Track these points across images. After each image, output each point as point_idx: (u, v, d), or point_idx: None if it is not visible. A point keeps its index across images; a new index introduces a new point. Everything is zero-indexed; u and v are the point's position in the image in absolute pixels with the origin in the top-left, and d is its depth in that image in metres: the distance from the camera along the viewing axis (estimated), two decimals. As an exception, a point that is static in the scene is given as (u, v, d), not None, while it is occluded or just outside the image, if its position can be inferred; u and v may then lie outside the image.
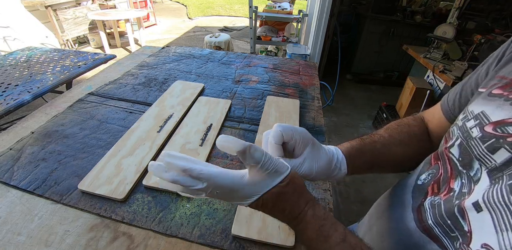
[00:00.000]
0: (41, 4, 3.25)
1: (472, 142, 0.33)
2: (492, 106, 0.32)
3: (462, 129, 0.35)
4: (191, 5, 7.28)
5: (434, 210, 0.36)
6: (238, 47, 4.51)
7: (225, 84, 1.12)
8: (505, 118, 0.30)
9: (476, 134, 0.32)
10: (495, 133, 0.30)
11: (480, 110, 0.33)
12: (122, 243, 0.52)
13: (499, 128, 0.30)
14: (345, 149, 0.45)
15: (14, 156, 0.70)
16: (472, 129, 0.33)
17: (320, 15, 2.38)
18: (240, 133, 0.85)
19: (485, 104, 0.33)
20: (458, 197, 0.33)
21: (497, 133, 0.30)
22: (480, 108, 0.33)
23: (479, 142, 0.32)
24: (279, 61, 1.39)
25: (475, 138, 0.32)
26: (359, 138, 0.49)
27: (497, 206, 0.27)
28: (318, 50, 2.60)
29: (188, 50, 1.47)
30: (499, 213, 0.27)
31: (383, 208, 0.50)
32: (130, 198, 0.61)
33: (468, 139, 0.33)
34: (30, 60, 1.51)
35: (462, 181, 0.34)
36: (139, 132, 0.79)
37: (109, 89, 1.03)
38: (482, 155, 0.31)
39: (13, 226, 0.53)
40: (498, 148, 0.29)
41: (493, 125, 0.31)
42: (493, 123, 0.31)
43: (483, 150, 0.31)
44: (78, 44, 4.02)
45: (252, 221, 0.56)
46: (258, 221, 0.56)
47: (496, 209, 0.27)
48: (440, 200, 0.36)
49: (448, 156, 0.37)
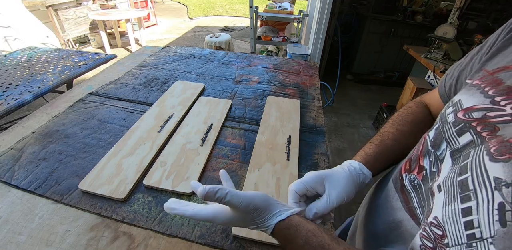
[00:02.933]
0: (42, 4, 3.25)
1: (446, 126, 0.36)
2: (467, 95, 0.36)
3: (442, 115, 0.39)
4: (191, 5, 7.28)
5: (417, 192, 0.39)
6: (239, 47, 4.51)
7: (226, 84, 1.13)
8: (473, 105, 0.33)
9: (450, 119, 0.36)
10: (464, 118, 0.34)
11: (458, 99, 0.37)
12: (123, 243, 0.52)
13: (467, 113, 0.34)
14: (360, 158, 0.48)
15: (15, 156, 0.70)
16: (449, 115, 0.37)
17: (321, 15, 2.38)
18: (241, 133, 0.85)
19: (464, 93, 0.37)
20: (431, 178, 0.37)
21: (465, 118, 0.33)
22: (459, 97, 0.37)
23: (452, 126, 0.35)
24: (280, 61, 1.39)
25: (449, 122, 0.36)
26: (370, 142, 0.51)
27: (448, 186, 0.32)
28: (318, 50, 2.60)
29: (188, 50, 1.47)
30: (448, 192, 0.31)
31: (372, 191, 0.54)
32: (131, 197, 0.61)
33: (444, 124, 0.37)
34: (31, 60, 1.51)
35: (430, 159, 0.38)
36: (139, 132, 0.79)
37: (110, 89, 1.03)
38: (451, 137, 0.35)
39: (14, 226, 0.53)
40: (464, 131, 0.33)
41: (463, 111, 0.34)
42: (464, 110, 0.34)
43: (453, 133, 0.35)
44: (78, 44, 4.02)
45: None
46: None
47: (448, 188, 0.32)
48: (419, 181, 0.39)
49: (425, 138, 0.41)
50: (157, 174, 0.65)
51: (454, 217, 0.29)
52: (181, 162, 0.70)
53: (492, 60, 0.38)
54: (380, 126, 0.54)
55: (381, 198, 0.47)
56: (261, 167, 0.70)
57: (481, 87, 0.34)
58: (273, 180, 0.67)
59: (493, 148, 0.28)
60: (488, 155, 0.29)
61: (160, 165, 0.68)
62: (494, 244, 0.25)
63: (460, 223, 0.28)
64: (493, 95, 0.32)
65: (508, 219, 0.24)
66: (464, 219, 0.28)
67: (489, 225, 0.26)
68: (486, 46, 0.42)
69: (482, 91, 0.33)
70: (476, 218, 0.27)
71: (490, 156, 0.28)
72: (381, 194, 0.47)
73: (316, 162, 0.75)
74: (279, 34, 3.19)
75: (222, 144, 0.79)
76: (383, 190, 0.47)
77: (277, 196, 0.63)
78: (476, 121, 0.32)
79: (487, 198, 0.27)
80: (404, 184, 0.41)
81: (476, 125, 0.32)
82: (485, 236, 0.26)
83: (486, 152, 0.29)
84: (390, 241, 0.42)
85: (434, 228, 0.32)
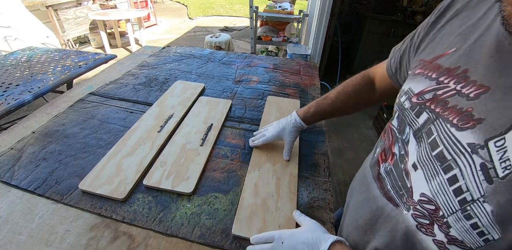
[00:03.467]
0: (42, 4, 3.25)
1: (405, 112, 0.41)
2: (415, 83, 0.41)
3: (398, 104, 0.44)
4: (191, 5, 7.28)
5: (389, 176, 0.43)
6: (239, 47, 4.51)
7: (226, 84, 1.13)
8: (423, 89, 0.38)
9: (407, 105, 0.41)
10: (418, 101, 0.39)
11: (408, 87, 0.42)
12: (123, 243, 0.52)
13: (420, 97, 0.39)
14: (302, 114, 0.70)
15: (15, 156, 0.70)
16: (404, 102, 0.42)
17: (321, 15, 2.37)
18: (241, 132, 0.85)
19: (410, 82, 0.42)
20: (401, 160, 0.41)
21: (419, 101, 0.38)
22: (407, 86, 0.42)
23: (410, 110, 0.40)
24: (280, 61, 1.39)
25: (407, 108, 0.41)
26: (315, 101, 0.71)
27: (425, 162, 0.35)
28: (318, 50, 2.60)
29: (188, 50, 1.47)
30: (427, 168, 0.34)
31: (354, 185, 0.58)
32: (131, 197, 0.61)
33: (403, 111, 0.42)
34: (31, 60, 1.51)
35: (399, 145, 0.42)
36: (139, 132, 0.79)
37: (110, 89, 1.03)
38: (411, 120, 0.40)
39: (14, 226, 0.53)
40: (421, 112, 0.38)
41: (416, 96, 0.39)
42: (416, 95, 0.39)
43: (412, 116, 0.39)
44: (78, 44, 4.02)
45: (253, 222, 0.56)
46: (258, 221, 0.57)
47: (425, 165, 0.35)
48: (391, 166, 0.43)
49: (391, 128, 0.46)
50: (157, 174, 0.65)
51: (442, 188, 0.32)
52: (181, 162, 0.70)
53: (425, 49, 0.44)
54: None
55: (363, 191, 0.51)
56: (261, 167, 0.70)
57: (424, 74, 0.39)
58: (273, 180, 0.67)
59: (455, 119, 0.32)
60: (453, 126, 0.32)
61: (160, 165, 0.68)
62: (487, 202, 0.26)
63: (450, 192, 0.31)
64: (437, 77, 0.37)
65: (493, 175, 0.26)
66: (452, 187, 0.30)
67: (477, 185, 0.28)
68: (417, 34, 0.48)
69: (427, 77, 0.39)
70: (463, 183, 0.29)
71: (455, 126, 0.31)
72: (363, 187, 0.51)
73: (316, 162, 0.75)
74: (279, 34, 3.19)
75: (222, 144, 0.79)
76: (364, 183, 0.51)
77: (277, 196, 0.63)
78: (429, 101, 0.37)
79: (468, 163, 0.29)
80: (380, 172, 0.46)
81: (429, 104, 0.37)
82: (476, 197, 0.28)
83: (450, 124, 0.32)
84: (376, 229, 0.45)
85: (426, 205, 0.34)
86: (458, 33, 0.38)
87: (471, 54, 0.34)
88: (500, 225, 0.26)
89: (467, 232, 0.29)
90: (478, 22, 0.35)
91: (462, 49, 0.36)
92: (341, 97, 0.67)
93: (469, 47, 0.35)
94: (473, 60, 0.33)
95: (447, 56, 0.37)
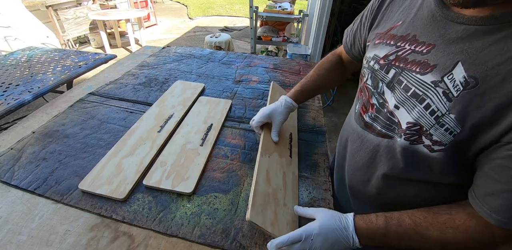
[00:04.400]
0: (42, 4, 3.25)
1: (376, 72, 0.53)
2: (378, 50, 0.53)
3: (368, 68, 0.56)
4: (191, 5, 7.28)
5: (377, 121, 0.55)
6: (239, 47, 4.50)
7: (226, 84, 1.13)
8: (386, 53, 0.51)
9: (377, 67, 0.53)
10: (385, 62, 0.51)
11: (373, 54, 0.55)
12: (123, 243, 0.52)
13: (386, 59, 0.51)
14: (291, 94, 0.77)
15: (15, 156, 0.70)
16: (374, 65, 0.54)
17: (321, 15, 2.37)
18: (241, 132, 0.85)
19: (374, 50, 0.55)
20: (382, 106, 0.53)
21: (386, 62, 0.51)
22: (372, 53, 0.55)
23: (380, 70, 0.52)
24: (280, 61, 1.39)
25: (377, 69, 0.53)
26: (300, 82, 0.79)
27: (404, 101, 0.47)
28: (318, 50, 2.60)
29: (188, 50, 1.47)
30: (406, 104, 0.47)
31: (343, 139, 0.68)
32: (131, 197, 0.61)
33: (374, 72, 0.54)
34: (31, 60, 1.51)
35: (375, 96, 0.54)
36: (139, 132, 0.79)
37: (110, 89, 1.03)
38: (382, 77, 0.52)
39: (14, 226, 0.53)
40: (389, 69, 0.50)
41: (382, 59, 0.52)
42: (382, 58, 0.52)
43: (383, 74, 0.52)
44: (78, 44, 4.02)
45: (266, 211, 0.53)
46: (271, 213, 0.54)
47: (405, 103, 0.47)
48: (374, 113, 0.55)
49: (366, 87, 0.57)
50: (157, 174, 0.65)
51: (421, 113, 0.44)
52: (181, 162, 0.70)
53: (378, 25, 0.57)
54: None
55: (356, 140, 0.61)
56: (271, 154, 0.68)
57: (384, 42, 0.52)
58: (280, 173, 0.65)
59: (417, 68, 0.45)
60: (418, 73, 0.45)
61: (160, 165, 0.68)
62: (451, 113, 0.40)
63: (427, 114, 0.44)
64: (395, 43, 0.50)
65: (451, 96, 0.40)
66: (428, 110, 0.44)
67: (443, 105, 0.41)
68: (365, 16, 0.62)
69: (387, 44, 0.52)
70: (434, 106, 0.43)
71: (419, 73, 0.45)
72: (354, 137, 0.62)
73: (316, 162, 0.75)
74: (279, 34, 3.19)
75: (222, 144, 0.79)
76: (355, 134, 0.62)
77: (284, 191, 0.61)
78: (394, 61, 0.49)
79: (434, 93, 0.43)
80: (366, 121, 0.58)
81: (394, 62, 0.49)
82: (443, 112, 0.41)
83: (414, 72, 0.45)
84: (377, 162, 0.56)
85: (413, 127, 0.46)
86: (401, 11, 0.52)
87: (415, 24, 0.48)
88: (460, 123, 0.40)
89: (442, 135, 0.43)
90: (413, 1, 0.50)
91: (407, 22, 0.50)
92: (320, 73, 0.78)
93: (412, 19, 0.49)
94: (417, 28, 0.47)
95: (397, 28, 0.51)
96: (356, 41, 0.67)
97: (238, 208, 0.61)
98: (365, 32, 0.62)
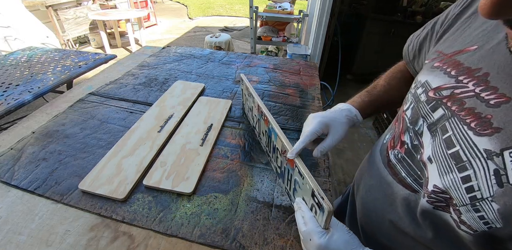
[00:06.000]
0: (41, 4, 3.25)
1: (420, 104, 0.42)
2: (432, 76, 0.41)
3: (414, 95, 0.45)
4: (191, 5, 7.28)
5: (401, 164, 0.44)
6: (239, 47, 4.51)
7: (226, 84, 1.13)
8: (441, 85, 0.39)
9: (423, 99, 0.41)
10: (435, 96, 0.39)
11: (425, 80, 0.42)
12: (123, 243, 0.52)
13: (437, 92, 0.39)
14: (357, 104, 0.58)
15: (15, 156, 0.70)
16: (420, 95, 0.42)
17: (321, 15, 2.38)
18: (241, 133, 0.85)
19: (428, 74, 0.42)
20: (416, 151, 0.42)
21: (436, 96, 0.39)
22: (425, 78, 0.43)
23: (425, 104, 0.41)
24: (280, 62, 1.39)
25: (423, 101, 0.41)
26: (366, 91, 0.62)
27: (440, 158, 0.36)
28: (318, 51, 2.60)
29: (188, 50, 1.47)
30: (440, 163, 0.36)
31: (363, 169, 0.59)
32: (131, 198, 0.61)
33: (418, 103, 0.43)
34: (31, 60, 1.51)
35: (410, 134, 0.43)
36: (139, 132, 0.79)
37: (110, 89, 1.03)
38: (426, 114, 0.40)
39: (14, 226, 0.53)
40: (437, 107, 0.38)
41: (433, 91, 0.40)
42: (433, 90, 0.40)
43: (427, 110, 0.40)
44: (78, 44, 4.02)
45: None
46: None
47: (439, 160, 0.36)
48: (401, 154, 0.45)
49: (403, 117, 0.46)
50: (157, 174, 0.65)
51: (455, 184, 0.34)
52: (181, 162, 0.70)
53: (445, 41, 0.44)
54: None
55: (374, 176, 0.52)
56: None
57: (443, 69, 0.40)
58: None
59: (472, 123, 0.33)
60: (471, 130, 0.33)
61: (160, 165, 0.68)
62: (494, 201, 0.30)
63: (462, 189, 0.33)
64: (456, 76, 0.37)
65: (504, 181, 0.29)
66: (465, 185, 0.33)
67: (488, 187, 0.30)
68: (440, 23, 0.48)
69: (446, 72, 0.39)
70: (475, 183, 0.32)
71: (473, 130, 0.33)
72: (373, 172, 0.52)
73: (316, 162, 0.75)
74: (279, 34, 3.19)
75: (222, 144, 0.79)
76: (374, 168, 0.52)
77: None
78: (446, 98, 0.38)
79: (483, 167, 0.31)
80: (390, 159, 0.48)
81: (446, 101, 0.37)
82: (485, 196, 0.30)
83: (467, 126, 0.33)
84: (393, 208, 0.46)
85: (440, 194, 0.36)
86: (482, 29, 0.36)
87: (493, 57, 0.33)
88: (503, 220, 0.29)
89: (474, 220, 0.32)
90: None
91: (484, 49, 0.35)
92: (392, 83, 0.61)
93: (492, 49, 0.33)
94: (495, 64, 0.32)
95: (467, 54, 0.37)
96: (422, 53, 0.52)
97: (238, 208, 0.61)
98: (433, 44, 0.48)
